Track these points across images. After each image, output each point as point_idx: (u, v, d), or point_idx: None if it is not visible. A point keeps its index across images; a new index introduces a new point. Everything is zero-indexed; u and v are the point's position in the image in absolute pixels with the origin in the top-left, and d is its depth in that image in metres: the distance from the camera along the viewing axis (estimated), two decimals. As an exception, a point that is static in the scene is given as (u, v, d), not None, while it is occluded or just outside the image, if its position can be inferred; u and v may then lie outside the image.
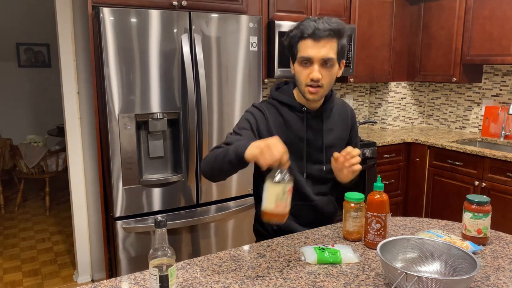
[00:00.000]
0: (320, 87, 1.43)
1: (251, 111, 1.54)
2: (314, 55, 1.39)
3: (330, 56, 1.40)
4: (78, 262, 2.98)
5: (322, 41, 1.38)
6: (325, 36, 1.38)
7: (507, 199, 2.89)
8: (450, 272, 1.15)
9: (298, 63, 1.45)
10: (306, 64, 1.42)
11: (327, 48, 1.39)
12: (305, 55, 1.41)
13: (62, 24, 2.70)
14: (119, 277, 1.22)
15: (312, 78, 1.41)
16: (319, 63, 1.40)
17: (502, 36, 3.14)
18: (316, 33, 1.38)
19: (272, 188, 1.17)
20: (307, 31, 1.39)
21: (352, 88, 4.07)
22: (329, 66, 1.42)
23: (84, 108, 2.84)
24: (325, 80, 1.43)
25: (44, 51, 5.94)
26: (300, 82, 1.46)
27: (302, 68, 1.43)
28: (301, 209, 1.59)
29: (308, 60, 1.41)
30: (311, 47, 1.39)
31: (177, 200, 2.51)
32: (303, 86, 1.45)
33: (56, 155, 4.47)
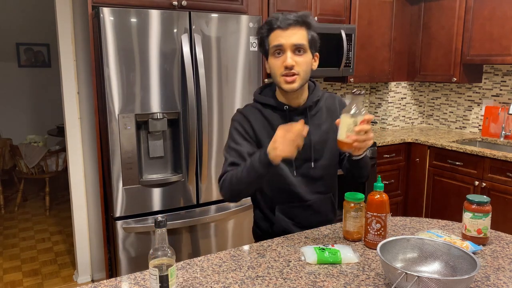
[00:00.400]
0: (296, 75, 1.41)
1: (236, 119, 1.54)
2: (285, 41, 1.39)
3: (301, 42, 1.40)
4: (78, 262, 2.98)
5: (290, 29, 1.40)
6: (292, 23, 1.40)
7: (507, 199, 2.89)
8: (450, 272, 1.15)
9: (271, 55, 1.44)
10: (279, 54, 1.41)
11: (297, 35, 1.40)
12: (276, 43, 1.40)
13: (62, 24, 2.70)
14: (119, 277, 1.22)
15: (286, 66, 1.39)
16: (291, 50, 1.40)
17: (502, 36, 3.14)
18: (283, 22, 1.40)
19: (344, 120, 1.28)
20: (275, 22, 1.41)
21: (352, 88, 4.07)
22: (302, 53, 1.41)
23: (84, 108, 2.84)
24: (300, 67, 1.41)
25: (44, 51, 5.94)
26: (275, 73, 1.44)
27: (275, 59, 1.42)
28: (297, 211, 1.57)
29: (280, 48, 1.40)
30: (281, 36, 1.40)
31: (177, 200, 2.51)
32: (278, 77, 1.43)
33: (56, 155, 4.47)
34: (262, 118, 1.52)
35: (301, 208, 1.57)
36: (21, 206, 4.72)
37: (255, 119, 1.52)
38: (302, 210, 1.57)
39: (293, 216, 1.57)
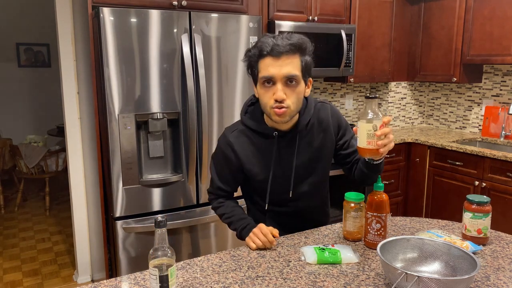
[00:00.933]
0: (285, 108, 1.32)
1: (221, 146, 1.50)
2: (276, 73, 1.29)
3: (293, 73, 1.29)
4: (78, 262, 2.98)
5: (283, 58, 1.28)
6: (285, 51, 1.28)
7: (507, 199, 2.89)
8: (450, 272, 1.15)
9: (260, 84, 1.34)
10: (269, 84, 1.32)
11: (289, 65, 1.29)
12: (266, 74, 1.30)
13: (62, 24, 2.70)
14: (119, 277, 1.22)
15: (276, 99, 1.30)
16: (282, 82, 1.30)
17: (502, 36, 3.14)
18: (275, 49, 1.28)
19: (362, 126, 1.24)
20: (266, 48, 1.29)
21: (352, 88, 4.07)
22: (294, 84, 1.31)
23: (84, 108, 2.84)
24: (291, 99, 1.32)
25: (44, 51, 5.94)
26: (265, 104, 1.35)
27: (265, 90, 1.33)
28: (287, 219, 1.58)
29: (270, 79, 1.30)
30: (271, 65, 1.29)
31: (177, 200, 2.51)
32: (268, 108, 1.34)
33: (56, 155, 4.47)
34: (249, 144, 1.48)
35: (292, 217, 1.58)
36: (21, 206, 4.72)
37: (241, 147, 1.47)
38: (293, 218, 1.59)
39: (284, 223, 1.58)
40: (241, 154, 1.47)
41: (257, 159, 1.47)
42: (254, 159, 1.48)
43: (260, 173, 1.49)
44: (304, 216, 1.59)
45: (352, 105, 4.08)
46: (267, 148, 1.46)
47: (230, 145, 1.48)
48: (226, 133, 1.51)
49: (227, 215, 1.55)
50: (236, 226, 1.50)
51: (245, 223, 1.48)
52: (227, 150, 1.48)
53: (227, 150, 1.48)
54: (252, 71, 1.38)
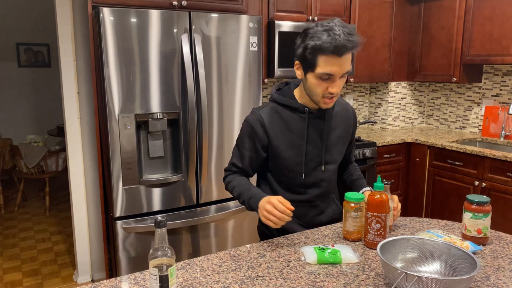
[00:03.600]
0: (334, 97, 1.43)
1: (250, 121, 1.53)
2: (337, 71, 1.35)
3: (349, 69, 1.39)
4: (78, 262, 2.98)
5: (344, 56, 1.34)
6: (347, 51, 1.34)
7: (507, 199, 2.89)
8: (450, 272, 1.15)
9: (316, 76, 1.38)
10: (326, 78, 1.38)
11: (347, 63, 1.37)
12: (327, 71, 1.35)
13: (62, 24, 2.70)
14: (119, 277, 1.22)
15: (332, 92, 1.39)
16: (339, 76, 1.38)
17: (502, 36, 3.14)
18: (340, 51, 1.32)
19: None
20: (330, 47, 1.32)
21: (352, 88, 4.07)
22: (344, 76, 1.41)
23: (84, 108, 2.84)
24: (340, 88, 1.42)
25: (44, 51, 5.94)
26: (317, 93, 1.42)
27: (321, 81, 1.39)
28: (303, 210, 1.61)
29: (330, 75, 1.37)
30: (333, 64, 1.34)
31: (177, 200, 2.51)
32: (319, 97, 1.42)
33: (56, 155, 4.47)
34: (279, 120, 1.52)
35: (308, 208, 1.61)
36: (21, 206, 4.71)
37: (270, 122, 1.51)
38: (309, 210, 1.62)
39: (300, 215, 1.60)
40: (270, 129, 1.51)
41: (286, 136, 1.52)
42: (282, 135, 1.52)
43: (286, 150, 1.52)
44: (321, 208, 1.63)
45: (352, 105, 4.08)
46: (297, 124, 1.52)
47: (260, 120, 1.51)
48: (255, 111, 1.55)
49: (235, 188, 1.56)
50: (244, 198, 1.51)
51: (248, 195, 1.50)
52: (256, 124, 1.52)
53: (256, 124, 1.51)
54: (306, 60, 1.39)
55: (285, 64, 3.06)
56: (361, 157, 3.25)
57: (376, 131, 3.95)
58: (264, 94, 3.51)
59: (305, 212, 1.61)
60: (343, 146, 1.62)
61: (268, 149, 1.55)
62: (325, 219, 1.65)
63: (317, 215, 1.63)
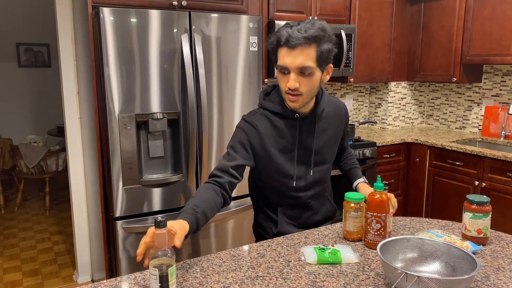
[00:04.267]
0: (299, 95, 1.40)
1: (242, 127, 1.50)
2: (290, 64, 1.35)
3: (306, 64, 1.34)
4: (78, 262, 2.98)
5: (297, 49, 1.33)
6: (299, 43, 1.32)
7: (507, 199, 2.89)
8: (450, 272, 1.15)
9: (277, 70, 1.42)
10: (285, 73, 1.39)
11: (303, 56, 1.33)
12: (281, 63, 1.37)
13: (62, 24, 2.70)
14: (119, 277, 1.22)
15: (289, 87, 1.38)
16: (296, 72, 1.36)
17: (502, 36, 3.14)
18: (290, 41, 1.33)
19: None
20: (282, 38, 1.35)
21: (352, 88, 4.07)
22: (307, 74, 1.37)
23: (84, 108, 2.84)
24: (304, 88, 1.38)
25: (44, 51, 5.94)
26: (281, 89, 1.44)
27: (282, 76, 1.41)
28: (297, 212, 1.61)
29: (285, 68, 1.37)
30: (286, 56, 1.35)
31: (177, 200, 2.51)
32: (283, 93, 1.43)
33: (56, 155, 4.47)
34: (270, 127, 1.50)
35: (303, 210, 1.61)
36: (21, 206, 4.71)
37: (263, 127, 1.49)
38: (304, 211, 1.62)
39: (295, 218, 1.61)
40: (263, 133, 1.49)
41: (278, 142, 1.51)
42: (275, 142, 1.51)
43: (279, 156, 1.51)
44: (315, 208, 1.63)
45: (352, 105, 4.08)
46: (288, 130, 1.51)
47: (252, 124, 1.49)
48: (245, 117, 1.52)
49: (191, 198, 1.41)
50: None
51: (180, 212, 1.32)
52: (250, 130, 1.49)
53: (250, 130, 1.49)
54: (273, 57, 1.44)
55: (285, 64, 3.06)
56: (361, 157, 3.25)
57: (376, 131, 3.95)
58: (264, 94, 3.50)
59: (299, 214, 1.61)
60: (335, 144, 1.62)
61: (260, 155, 1.51)
62: (320, 218, 1.66)
63: (311, 215, 1.64)
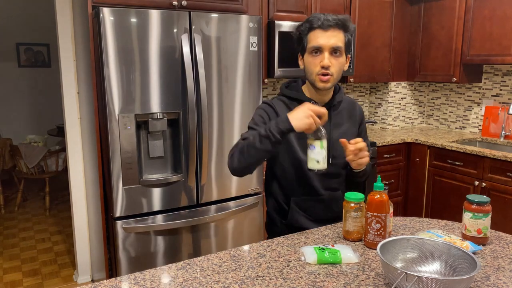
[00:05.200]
0: (330, 76, 1.48)
1: (262, 107, 1.60)
2: (325, 43, 1.46)
3: (339, 44, 1.47)
4: (78, 262, 2.98)
5: (330, 30, 1.46)
6: (333, 25, 1.46)
7: (507, 199, 2.89)
8: (450, 272, 1.15)
9: (308, 53, 1.50)
10: (317, 54, 1.48)
11: (336, 38, 1.46)
12: (315, 44, 1.47)
13: (62, 24, 2.70)
14: (119, 277, 1.22)
15: (323, 65, 1.46)
16: (329, 51, 1.47)
17: (502, 36, 3.14)
18: (324, 23, 1.46)
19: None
20: (317, 22, 1.47)
21: (352, 88, 4.07)
22: (338, 55, 1.48)
23: (84, 108, 2.84)
24: (335, 68, 1.48)
25: (44, 51, 5.94)
26: (311, 71, 1.50)
27: (313, 58, 1.49)
28: (310, 204, 1.63)
29: (319, 49, 1.47)
30: (321, 37, 1.46)
31: (177, 200, 2.51)
32: (314, 75, 1.50)
33: (56, 155, 4.47)
34: (288, 110, 1.54)
35: (315, 202, 1.63)
36: (21, 206, 4.72)
37: (281, 110, 1.57)
38: (316, 204, 1.64)
39: (307, 209, 1.63)
40: (281, 115, 1.54)
41: None
42: None
43: (295, 139, 1.56)
44: (327, 203, 1.64)
45: (352, 105, 4.08)
46: None
47: (272, 106, 1.58)
48: (266, 101, 1.62)
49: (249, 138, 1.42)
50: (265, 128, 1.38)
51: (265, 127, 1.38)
52: (269, 109, 1.58)
53: (269, 109, 1.58)
54: (300, 42, 1.53)
55: (285, 64, 3.06)
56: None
57: (376, 131, 3.95)
58: (264, 94, 3.51)
59: (312, 206, 1.63)
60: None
61: None
62: (331, 215, 1.66)
63: (323, 209, 1.65)
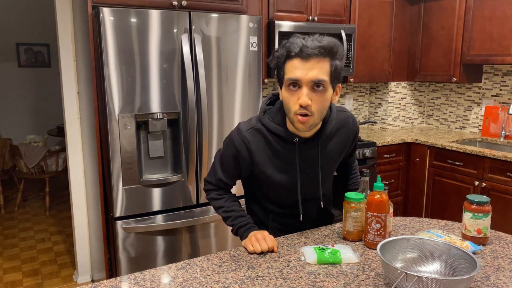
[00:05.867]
0: (309, 116, 1.26)
1: (235, 141, 1.41)
2: (303, 76, 1.22)
3: (321, 77, 1.22)
4: (78, 262, 2.98)
5: (311, 61, 1.22)
6: (314, 54, 1.21)
7: (507, 199, 2.89)
8: (450, 272, 1.15)
9: (285, 87, 1.27)
10: (295, 88, 1.25)
11: (317, 69, 1.22)
12: (292, 76, 1.23)
13: (62, 24, 2.70)
14: (119, 277, 1.22)
15: (300, 104, 1.23)
16: (309, 86, 1.23)
17: (502, 36, 3.14)
18: (304, 51, 1.21)
19: None
20: (294, 49, 1.23)
21: (352, 88, 4.07)
22: (321, 90, 1.24)
23: (84, 108, 2.84)
24: (316, 106, 1.25)
25: (44, 51, 5.94)
26: (289, 109, 1.28)
27: (290, 94, 1.26)
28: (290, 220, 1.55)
29: (296, 82, 1.24)
30: (299, 68, 1.22)
31: (177, 200, 2.51)
32: (291, 114, 1.28)
33: (56, 155, 4.47)
34: (265, 145, 1.40)
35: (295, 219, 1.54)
36: (21, 206, 4.71)
37: (256, 146, 1.40)
38: (296, 220, 1.54)
39: (287, 225, 1.56)
40: (256, 154, 1.40)
41: (274, 162, 1.41)
42: (269, 160, 1.41)
43: (276, 174, 1.42)
44: (309, 217, 1.56)
45: (352, 105, 4.08)
46: (285, 153, 1.40)
47: (245, 143, 1.39)
48: (241, 128, 1.41)
49: (226, 209, 1.50)
50: (235, 223, 1.47)
51: (244, 222, 1.47)
52: (241, 146, 1.39)
53: (241, 147, 1.39)
54: (278, 72, 1.31)
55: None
56: (361, 157, 3.25)
57: (376, 131, 3.95)
58: (264, 94, 3.50)
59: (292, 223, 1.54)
60: (339, 158, 1.52)
61: (254, 170, 1.45)
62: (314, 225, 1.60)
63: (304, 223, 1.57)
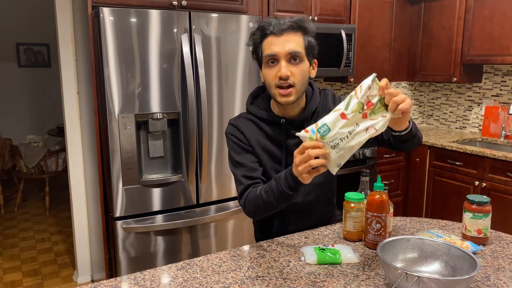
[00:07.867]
0: (292, 87, 1.30)
1: (229, 131, 1.46)
2: (279, 50, 1.28)
3: (296, 49, 1.29)
4: (78, 262, 2.98)
5: (284, 34, 1.29)
6: (286, 28, 1.29)
7: (507, 199, 2.89)
8: (450, 272, 1.15)
9: (264, 64, 1.34)
10: (273, 64, 1.31)
11: (292, 42, 1.29)
12: (269, 52, 1.30)
13: (62, 24, 2.70)
14: (119, 277, 1.22)
15: (280, 76, 1.29)
16: (286, 59, 1.29)
17: (502, 36, 3.14)
18: (276, 27, 1.29)
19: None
20: (268, 27, 1.30)
21: (352, 88, 4.07)
22: (298, 61, 1.30)
23: (84, 108, 2.84)
24: (296, 77, 1.30)
25: (44, 51, 5.94)
26: (269, 84, 1.33)
27: (269, 69, 1.32)
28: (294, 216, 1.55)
29: (274, 57, 1.30)
30: (274, 43, 1.29)
31: (177, 200, 2.51)
32: (273, 89, 1.33)
33: (56, 155, 4.47)
34: (256, 129, 1.44)
35: (299, 214, 1.55)
36: (21, 206, 4.72)
37: (248, 130, 1.44)
38: (300, 216, 1.55)
39: (291, 222, 1.56)
40: (250, 137, 1.43)
41: (265, 145, 1.44)
42: (261, 145, 1.44)
43: (268, 160, 1.44)
44: (312, 214, 1.56)
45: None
46: (275, 136, 1.43)
47: (238, 129, 1.44)
48: (231, 121, 1.47)
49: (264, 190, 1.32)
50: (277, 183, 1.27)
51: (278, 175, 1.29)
52: (236, 133, 1.43)
53: (236, 133, 1.43)
54: (256, 53, 1.37)
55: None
56: (361, 157, 3.25)
57: (376, 131, 3.95)
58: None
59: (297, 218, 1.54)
60: None
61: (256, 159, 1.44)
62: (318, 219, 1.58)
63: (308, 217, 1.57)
